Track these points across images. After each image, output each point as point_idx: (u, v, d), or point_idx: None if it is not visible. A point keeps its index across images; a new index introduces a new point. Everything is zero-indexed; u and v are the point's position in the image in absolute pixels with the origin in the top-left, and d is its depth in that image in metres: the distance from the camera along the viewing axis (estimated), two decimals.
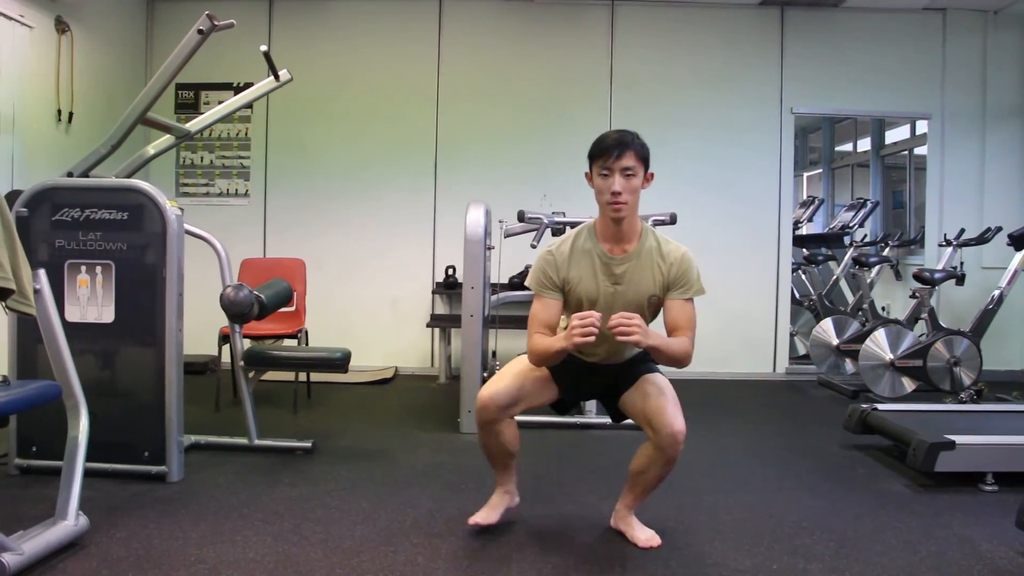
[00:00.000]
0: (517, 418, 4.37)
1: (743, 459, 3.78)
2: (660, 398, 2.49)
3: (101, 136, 3.38)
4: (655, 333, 2.38)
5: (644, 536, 2.62)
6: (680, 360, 2.46)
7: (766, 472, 3.56)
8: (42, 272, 2.57)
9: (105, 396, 3.15)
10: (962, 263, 5.59)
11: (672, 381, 2.61)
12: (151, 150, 3.72)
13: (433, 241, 6.11)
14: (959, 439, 3.20)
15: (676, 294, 2.52)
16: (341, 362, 3.71)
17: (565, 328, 2.42)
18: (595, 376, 2.67)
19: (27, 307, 2.41)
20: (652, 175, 2.53)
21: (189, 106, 6.05)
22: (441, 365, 5.84)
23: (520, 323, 5.78)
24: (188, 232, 3.44)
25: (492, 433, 2.61)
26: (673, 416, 2.44)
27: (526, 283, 2.67)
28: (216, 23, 3.12)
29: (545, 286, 2.56)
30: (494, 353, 4.52)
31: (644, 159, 2.50)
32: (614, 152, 2.45)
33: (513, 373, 2.62)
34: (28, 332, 3.08)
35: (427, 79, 6.09)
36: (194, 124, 3.85)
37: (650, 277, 2.53)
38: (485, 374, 4.27)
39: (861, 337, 5.23)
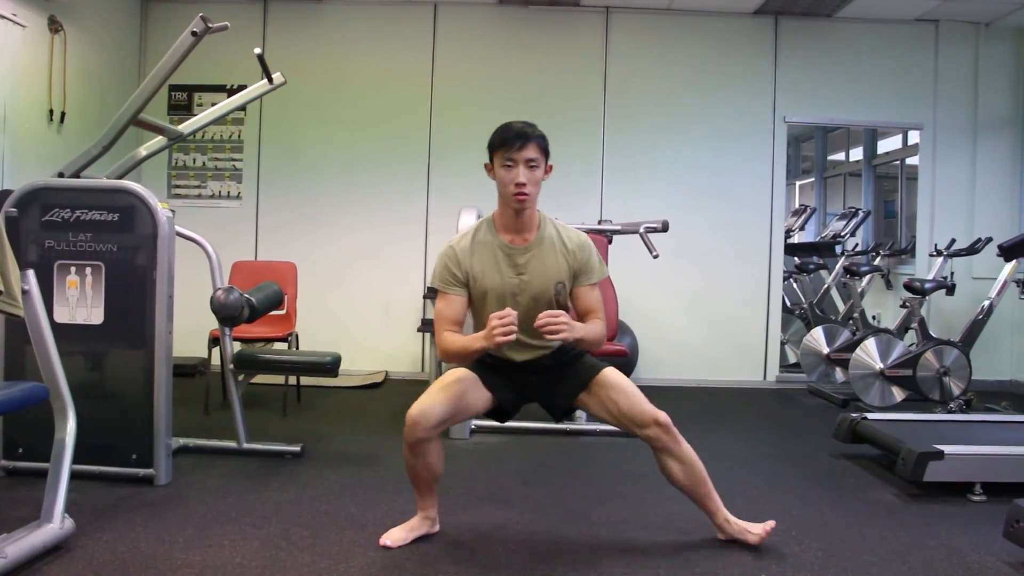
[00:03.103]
0: (512, 424, 4.39)
1: (733, 467, 3.78)
2: (631, 399, 2.51)
3: (93, 137, 3.37)
4: (578, 324, 2.42)
5: (761, 528, 2.64)
6: (600, 343, 2.54)
7: (755, 480, 3.56)
8: (31, 273, 2.55)
9: (93, 398, 3.14)
10: (952, 273, 5.63)
11: (664, 388, 2.61)
12: (143, 151, 3.71)
13: (425, 245, 6.11)
14: (948, 449, 3.21)
15: (583, 280, 2.57)
16: (331, 366, 3.70)
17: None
18: (528, 375, 2.61)
19: (15, 308, 2.40)
20: (551, 167, 2.57)
21: (182, 108, 6.04)
22: (431, 370, 5.81)
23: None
24: (179, 234, 3.43)
25: (420, 454, 2.49)
26: (646, 408, 2.50)
27: (429, 283, 2.66)
28: (210, 25, 3.12)
29: (449, 282, 2.55)
30: None
31: (546, 151, 2.53)
32: (517, 143, 2.47)
33: (442, 386, 2.52)
34: (16, 333, 3.06)
35: (421, 83, 6.09)
36: (187, 126, 3.85)
37: (554, 265, 2.55)
38: None
39: (851, 346, 5.24)
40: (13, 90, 4.50)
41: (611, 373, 2.59)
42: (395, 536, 2.61)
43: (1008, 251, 5.08)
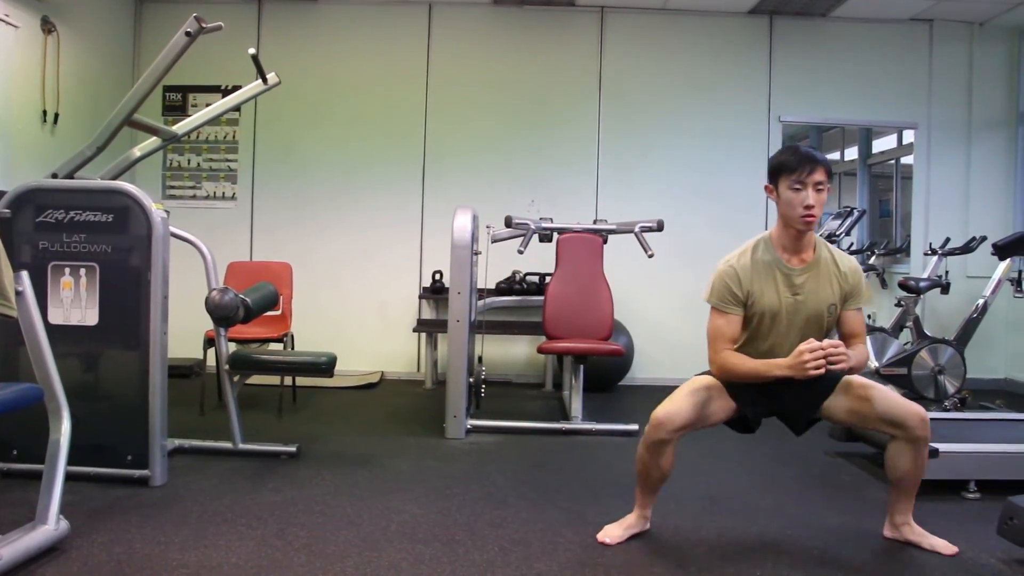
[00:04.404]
0: (498, 423, 4.41)
1: (728, 466, 3.79)
2: (886, 396, 2.54)
3: (87, 137, 3.36)
4: (852, 353, 2.43)
5: (943, 543, 2.63)
6: (863, 368, 2.56)
7: (751, 479, 3.57)
8: (24, 274, 2.55)
9: (88, 399, 3.13)
10: (947, 272, 5.64)
11: (660, 388, 2.62)
12: (137, 152, 3.70)
13: (420, 246, 6.11)
14: (942, 447, 3.22)
15: (851, 304, 2.60)
16: (326, 366, 3.69)
17: None
18: (778, 387, 2.57)
19: (8, 309, 2.39)
20: (830, 188, 2.58)
21: (177, 108, 6.03)
22: (427, 370, 5.83)
23: (506, 329, 5.82)
24: (174, 235, 3.42)
25: (656, 454, 2.57)
26: (908, 404, 2.53)
27: (705, 299, 2.66)
28: (204, 25, 3.11)
29: (729, 302, 2.59)
30: (480, 359, 4.51)
31: (831, 174, 2.56)
32: (807, 168, 2.50)
33: (689, 391, 2.59)
34: (10, 334, 3.05)
35: (416, 84, 6.09)
36: (181, 126, 3.83)
37: (828, 287, 2.57)
38: (471, 379, 4.26)
39: None
40: (6, 91, 4.49)
41: (857, 376, 2.62)
42: (613, 533, 2.69)
43: (1002, 250, 5.09)
